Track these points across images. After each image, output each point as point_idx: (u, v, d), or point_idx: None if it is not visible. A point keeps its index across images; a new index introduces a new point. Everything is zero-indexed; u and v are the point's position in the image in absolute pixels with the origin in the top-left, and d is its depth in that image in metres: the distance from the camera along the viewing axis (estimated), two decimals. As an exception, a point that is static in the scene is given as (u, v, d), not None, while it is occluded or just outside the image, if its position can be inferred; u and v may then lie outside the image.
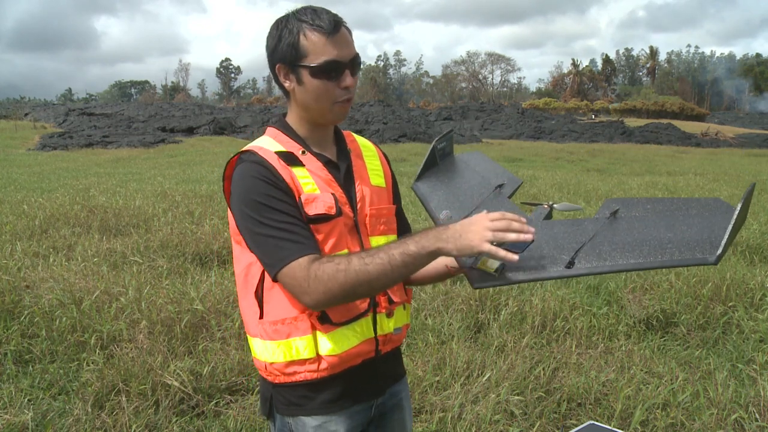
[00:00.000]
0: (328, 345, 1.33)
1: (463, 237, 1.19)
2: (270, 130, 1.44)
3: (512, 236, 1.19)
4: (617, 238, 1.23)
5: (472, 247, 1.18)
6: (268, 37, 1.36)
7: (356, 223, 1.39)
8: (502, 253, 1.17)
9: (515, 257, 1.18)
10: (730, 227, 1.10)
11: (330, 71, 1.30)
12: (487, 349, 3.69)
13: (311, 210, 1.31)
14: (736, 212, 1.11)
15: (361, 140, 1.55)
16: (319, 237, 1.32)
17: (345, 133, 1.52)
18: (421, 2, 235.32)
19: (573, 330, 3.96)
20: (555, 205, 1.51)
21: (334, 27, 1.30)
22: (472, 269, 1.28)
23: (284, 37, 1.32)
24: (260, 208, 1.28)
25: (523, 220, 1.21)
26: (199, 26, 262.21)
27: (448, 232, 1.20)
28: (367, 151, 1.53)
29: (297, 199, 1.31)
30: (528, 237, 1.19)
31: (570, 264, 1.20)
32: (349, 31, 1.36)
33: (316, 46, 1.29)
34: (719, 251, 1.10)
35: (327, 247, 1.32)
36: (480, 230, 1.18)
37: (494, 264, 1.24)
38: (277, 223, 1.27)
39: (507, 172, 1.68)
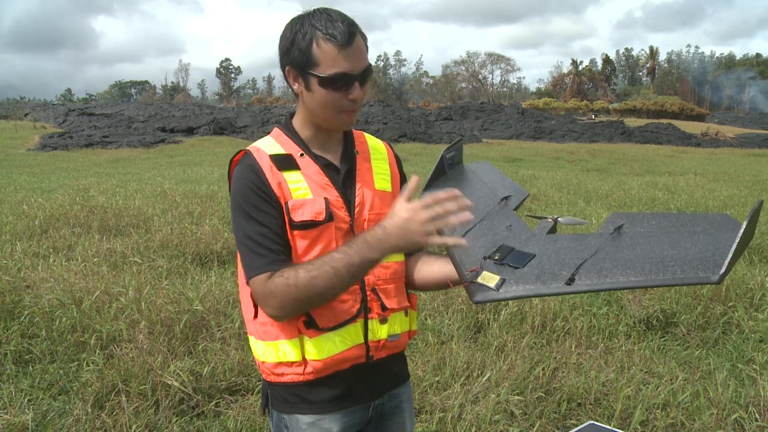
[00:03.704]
0: (314, 349, 1.34)
1: (404, 237, 1.19)
2: (275, 130, 1.45)
3: (452, 219, 1.18)
4: (620, 255, 1.22)
5: (418, 245, 1.19)
6: (281, 37, 1.35)
7: (352, 227, 1.38)
8: (450, 241, 1.19)
9: (463, 242, 1.18)
10: (734, 246, 1.08)
11: (339, 83, 1.30)
12: (487, 349, 3.69)
13: (297, 216, 1.32)
14: (741, 230, 1.08)
15: (372, 142, 1.53)
16: (306, 242, 1.33)
17: (357, 133, 1.51)
18: (419, 2, 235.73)
19: (573, 330, 3.96)
20: (560, 219, 1.51)
21: (348, 38, 1.28)
22: (473, 283, 1.28)
23: (297, 41, 1.30)
24: (242, 215, 1.33)
25: (457, 193, 1.18)
26: (196, 27, 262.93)
27: (388, 238, 1.19)
28: (376, 154, 1.51)
29: (283, 205, 1.32)
30: (467, 216, 1.19)
31: (570, 280, 1.20)
32: (365, 39, 1.34)
33: (327, 57, 1.28)
34: (722, 270, 1.07)
35: (314, 252, 1.34)
36: (418, 226, 1.17)
37: (494, 279, 1.25)
38: (253, 234, 1.31)
39: (514, 184, 1.67)
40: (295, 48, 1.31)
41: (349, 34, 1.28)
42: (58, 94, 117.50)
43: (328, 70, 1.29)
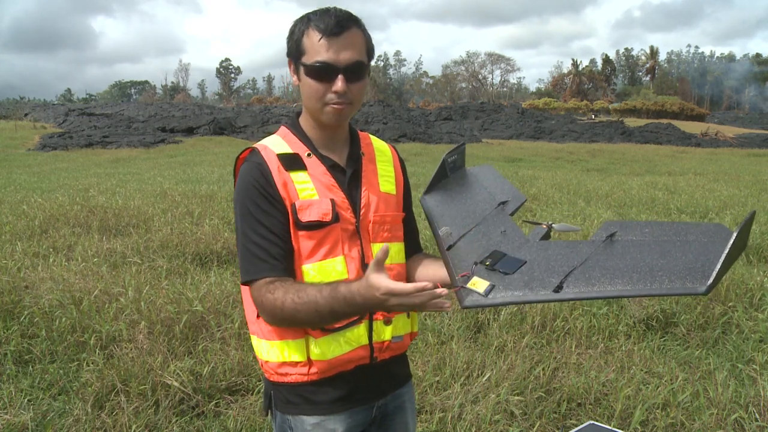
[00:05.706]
0: (319, 350, 1.34)
1: (375, 308, 1.21)
2: (282, 129, 1.46)
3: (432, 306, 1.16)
4: (609, 263, 1.22)
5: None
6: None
7: (358, 229, 1.39)
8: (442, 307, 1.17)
9: (446, 305, 1.16)
10: (723, 256, 1.07)
11: (321, 73, 1.31)
12: (487, 349, 3.69)
13: (304, 217, 1.32)
14: (731, 240, 1.07)
15: (377, 144, 1.54)
16: (313, 242, 1.34)
17: (362, 134, 1.52)
18: (417, 2, 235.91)
19: (573, 330, 3.96)
20: (554, 225, 1.51)
21: (336, 29, 1.29)
22: (463, 288, 1.28)
23: (294, 33, 1.36)
24: (246, 215, 1.33)
25: (444, 292, 1.16)
26: (196, 27, 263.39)
27: (363, 305, 1.19)
28: (381, 156, 1.51)
29: (289, 206, 1.33)
30: (446, 308, 1.16)
31: (558, 288, 1.20)
32: (366, 38, 1.35)
33: (313, 46, 1.31)
34: (710, 281, 1.07)
35: (320, 253, 1.34)
36: (384, 307, 1.18)
37: (483, 284, 1.25)
38: (254, 235, 1.31)
39: (513, 189, 1.67)
40: (292, 39, 1.36)
41: (338, 25, 1.30)
42: (57, 94, 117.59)
43: (312, 59, 1.31)
